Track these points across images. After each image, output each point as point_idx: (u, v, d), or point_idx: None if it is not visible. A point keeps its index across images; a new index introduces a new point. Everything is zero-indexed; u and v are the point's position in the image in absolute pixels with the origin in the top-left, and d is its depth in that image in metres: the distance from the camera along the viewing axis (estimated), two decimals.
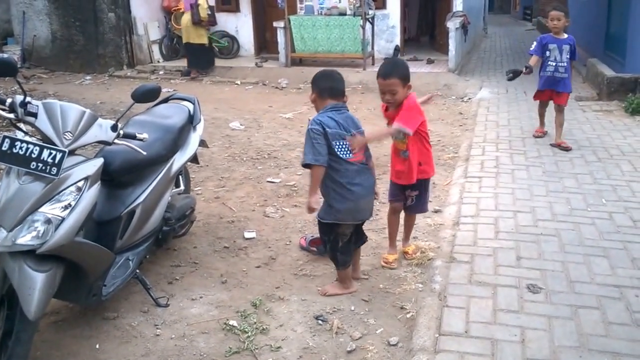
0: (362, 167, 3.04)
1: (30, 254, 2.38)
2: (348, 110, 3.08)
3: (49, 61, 11.89)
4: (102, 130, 2.71)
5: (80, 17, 11.45)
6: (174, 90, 9.12)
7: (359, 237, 3.28)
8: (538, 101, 6.12)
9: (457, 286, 3.16)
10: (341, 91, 3.07)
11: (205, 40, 10.53)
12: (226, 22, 12.27)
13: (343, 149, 2.94)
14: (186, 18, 10.34)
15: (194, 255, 3.72)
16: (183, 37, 10.64)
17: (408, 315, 2.97)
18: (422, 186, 3.44)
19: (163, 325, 2.96)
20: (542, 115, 6.21)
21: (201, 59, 10.64)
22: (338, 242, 3.09)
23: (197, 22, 10.15)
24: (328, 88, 3.04)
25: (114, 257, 2.88)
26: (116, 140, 2.77)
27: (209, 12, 10.24)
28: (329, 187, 3.00)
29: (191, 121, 3.67)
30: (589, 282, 3.16)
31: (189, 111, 3.69)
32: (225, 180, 5.21)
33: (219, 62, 11.60)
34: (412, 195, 3.44)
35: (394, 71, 3.13)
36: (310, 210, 2.97)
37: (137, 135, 2.85)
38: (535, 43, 5.95)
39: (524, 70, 5.76)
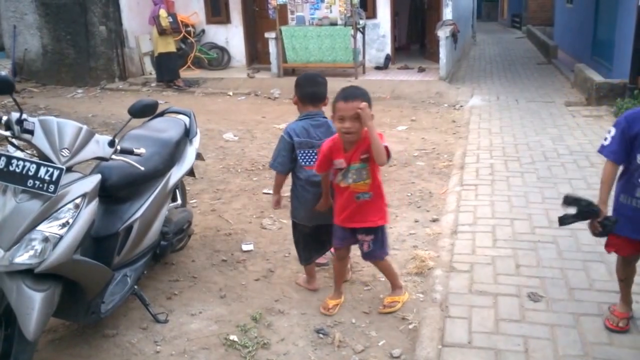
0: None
1: (28, 273, 2.35)
2: (324, 117, 3.10)
3: (40, 75, 11.83)
4: (99, 146, 2.69)
5: (71, 30, 11.40)
6: (166, 102, 9.11)
7: (328, 242, 3.23)
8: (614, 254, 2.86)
9: (458, 296, 3.15)
10: (322, 96, 3.10)
11: (173, 48, 10.49)
12: (216, 33, 12.31)
13: (306, 157, 3.07)
14: (154, 32, 10.38)
15: (192, 270, 3.69)
16: (154, 51, 10.65)
17: (410, 327, 2.95)
18: (379, 229, 3.00)
19: (163, 341, 2.93)
20: (625, 281, 2.85)
21: (171, 67, 10.60)
22: (299, 240, 3.30)
23: (161, 32, 10.17)
24: (310, 94, 3.06)
25: (112, 274, 2.84)
26: (114, 156, 2.75)
27: (171, 20, 10.23)
28: (293, 187, 3.20)
29: (187, 134, 3.66)
30: (588, 288, 3.16)
31: (185, 125, 3.69)
32: (220, 192, 5.19)
33: (210, 74, 11.62)
34: (367, 241, 2.98)
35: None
36: (275, 206, 3.32)
37: (135, 150, 2.84)
38: (611, 131, 2.67)
39: (595, 217, 2.63)
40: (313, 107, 3.07)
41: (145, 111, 2.83)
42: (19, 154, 2.60)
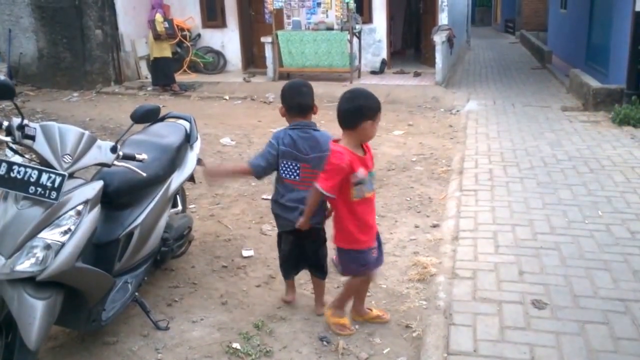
0: (295, 187, 2.94)
1: (29, 281, 2.31)
2: (315, 129, 2.94)
3: (35, 78, 11.76)
4: (101, 152, 2.65)
5: (67, 34, 11.35)
6: (163, 106, 9.05)
7: (308, 262, 3.11)
8: None
9: (461, 303, 3.13)
10: (309, 107, 2.93)
11: (168, 54, 10.47)
12: (212, 37, 12.29)
13: (287, 169, 2.92)
14: (150, 36, 10.36)
15: (193, 276, 3.65)
16: (150, 56, 10.64)
17: (414, 334, 2.93)
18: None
19: (164, 349, 2.89)
20: None
21: (167, 72, 10.58)
22: (280, 252, 3.21)
23: (156, 37, 10.15)
24: (296, 105, 2.93)
25: (114, 281, 2.80)
26: (116, 162, 2.72)
27: (166, 26, 10.20)
28: (274, 194, 3.08)
29: (188, 140, 3.63)
30: (592, 296, 3.15)
31: (186, 130, 3.66)
32: (219, 197, 5.15)
33: (206, 78, 11.59)
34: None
35: None
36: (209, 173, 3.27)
37: (137, 156, 2.80)
38: None
39: None
40: (302, 117, 2.93)
41: (147, 117, 2.81)
42: (17, 158, 2.57)
